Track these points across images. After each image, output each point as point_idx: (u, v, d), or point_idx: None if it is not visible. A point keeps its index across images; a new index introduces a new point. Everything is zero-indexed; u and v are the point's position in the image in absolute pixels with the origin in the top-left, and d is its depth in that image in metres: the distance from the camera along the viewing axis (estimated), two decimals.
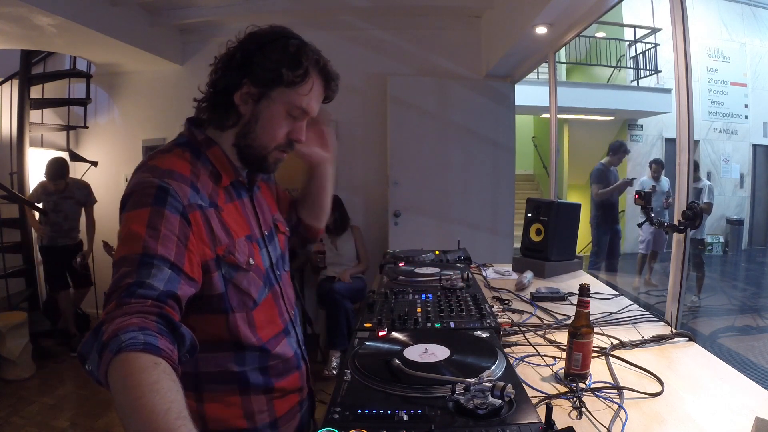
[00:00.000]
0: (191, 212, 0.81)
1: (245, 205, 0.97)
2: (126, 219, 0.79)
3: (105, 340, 0.63)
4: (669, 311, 1.52)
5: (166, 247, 0.75)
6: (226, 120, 0.90)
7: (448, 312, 1.30)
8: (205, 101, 0.92)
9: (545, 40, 2.86)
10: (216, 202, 0.88)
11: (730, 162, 8.34)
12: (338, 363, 3.24)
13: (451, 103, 3.79)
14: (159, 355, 0.63)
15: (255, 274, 0.91)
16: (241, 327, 0.89)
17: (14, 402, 2.88)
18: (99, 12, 3.14)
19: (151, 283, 0.71)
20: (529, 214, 2.20)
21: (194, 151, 0.90)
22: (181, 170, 0.85)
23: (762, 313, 4.98)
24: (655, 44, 7.53)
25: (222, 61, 0.90)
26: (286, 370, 0.98)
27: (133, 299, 0.69)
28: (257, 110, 0.89)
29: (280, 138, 0.92)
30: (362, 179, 4.04)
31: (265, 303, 0.94)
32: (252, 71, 0.87)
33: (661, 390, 1.01)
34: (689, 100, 1.50)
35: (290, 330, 1.01)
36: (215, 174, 0.91)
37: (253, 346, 0.90)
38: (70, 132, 4.30)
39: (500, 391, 0.76)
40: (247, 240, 0.92)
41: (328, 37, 3.89)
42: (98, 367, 0.63)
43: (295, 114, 0.91)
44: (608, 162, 4.71)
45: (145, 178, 0.81)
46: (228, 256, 0.86)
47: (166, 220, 0.77)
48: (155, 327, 0.66)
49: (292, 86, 0.88)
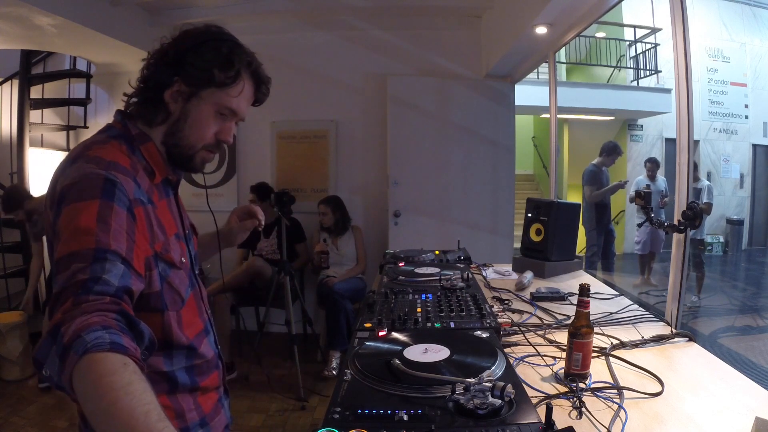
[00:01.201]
0: (135, 207, 0.80)
1: (171, 203, 0.96)
2: (71, 211, 0.74)
3: (66, 342, 0.59)
4: (669, 311, 1.52)
5: (117, 241, 0.72)
6: (155, 117, 0.89)
7: (448, 312, 1.30)
8: (135, 96, 0.91)
9: (545, 40, 2.85)
10: (151, 199, 0.87)
11: (730, 162, 8.34)
12: (338, 363, 3.24)
13: (451, 103, 3.79)
14: (126, 354, 0.60)
15: (184, 272, 0.92)
16: (173, 325, 0.88)
17: (14, 402, 2.87)
18: (99, 12, 3.14)
19: (107, 278, 0.68)
20: (529, 214, 2.20)
21: (129, 145, 0.88)
22: (123, 163, 0.83)
23: (762, 313, 4.98)
24: (655, 44, 7.53)
25: (154, 57, 0.89)
26: (208, 368, 0.97)
27: (91, 296, 0.65)
28: (187, 109, 0.89)
29: (209, 138, 0.92)
30: (362, 179, 4.04)
31: (190, 301, 0.94)
32: (184, 70, 0.86)
33: (661, 390, 1.01)
34: (689, 100, 1.50)
35: (209, 329, 1.01)
36: (149, 170, 0.89)
37: (181, 345, 0.90)
38: (70, 132, 4.31)
39: (500, 391, 0.76)
40: (176, 238, 0.92)
41: (328, 37, 3.90)
42: (60, 371, 0.59)
43: (225, 113, 0.91)
44: (600, 163, 4.69)
45: (90, 169, 0.77)
46: (165, 254, 0.86)
47: (115, 214, 0.74)
48: (117, 325, 0.63)
49: (222, 87, 0.88)
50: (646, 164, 5.31)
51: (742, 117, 8.30)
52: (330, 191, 3.93)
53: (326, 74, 3.96)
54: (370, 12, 3.82)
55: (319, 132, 4.00)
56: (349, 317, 3.30)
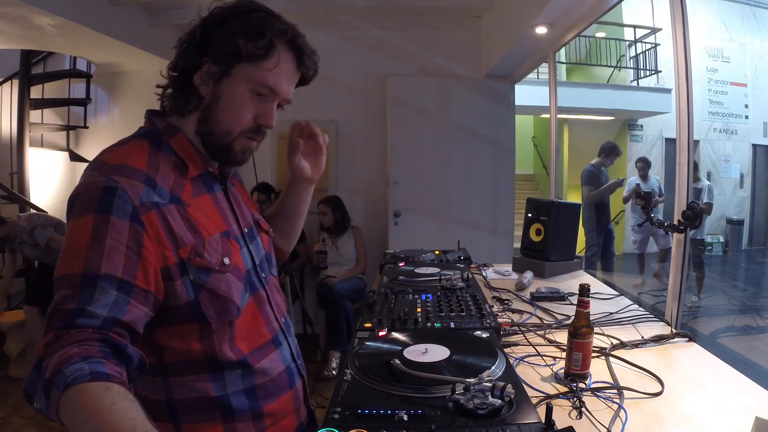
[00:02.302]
0: (144, 213, 0.72)
1: (218, 199, 0.86)
2: (70, 227, 0.70)
3: (48, 377, 0.58)
4: (669, 311, 1.52)
5: (111, 261, 0.67)
6: (186, 104, 0.81)
7: (448, 312, 1.30)
8: (167, 87, 0.83)
9: (545, 40, 2.85)
10: (179, 197, 0.78)
11: (730, 162, 8.34)
12: (338, 363, 3.24)
13: (451, 103, 3.79)
14: (108, 380, 0.58)
15: (233, 275, 0.80)
16: (216, 338, 0.78)
17: (14, 402, 2.87)
18: (99, 12, 3.14)
19: (93, 310, 0.64)
20: (529, 214, 2.20)
21: (154, 141, 0.80)
22: (134, 164, 0.75)
23: (762, 313, 4.98)
24: (655, 44, 7.53)
25: (183, 41, 0.80)
26: (277, 389, 0.86)
27: (71, 330, 0.62)
28: (218, 90, 0.79)
29: (246, 121, 0.81)
30: (362, 179, 4.04)
31: (246, 310, 0.83)
32: (211, 48, 0.78)
33: (661, 390, 1.01)
34: (689, 100, 1.50)
35: (281, 341, 0.89)
36: (180, 165, 0.81)
37: (231, 362, 0.79)
38: (70, 132, 4.31)
39: (500, 391, 0.76)
40: (223, 237, 0.81)
41: (328, 37, 3.89)
42: (47, 406, 0.58)
43: (263, 93, 0.81)
44: (599, 163, 4.69)
45: (91, 177, 0.72)
46: (194, 258, 0.76)
47: (112, 228, 0.68)
48: (99, 352, 0.60)
49: (254, 61, 0.78)
50: (636, 164, 5.27)
51: (742, 117, 8.30)
52: (330, 191, 3.93)
53: (326, 74, 3.90)
54: (370, 12, 3.82)
55: None
56: (349, 317, 3.30)
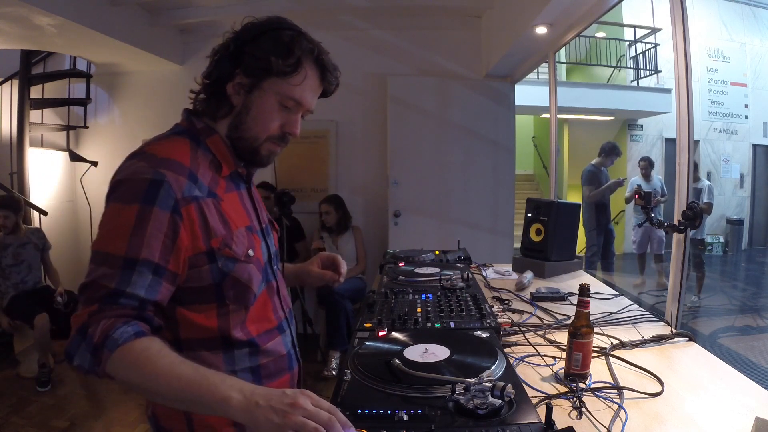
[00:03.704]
0: (184, 206, 0.80)
1: (243, 197, 0.96)
2: (113, 209, 0.79)
3: (97, 342, 0.70)
4: (669, 311, 1.52)
5: (150, 247, 0.76)
6: (219, 110, 0.90)
7: (448, 312, 1.30)
8: (200, 92, 0.92)
9: (545, 40, 2.86)
10: (215, 192, 0.87)
11: (730, 162, 8.34)
12: (338, 363, 3.24)
13: (451, 103, 3.79)
14: (145, 334, 0.73)
15: (255, 266, 0.90)
16: (232, 320, 0.87)
17: (14, 402, 2.87)
18: (99, 12, 3.14)
19: (132, 292, 0.75)
20: (529, 214, 2.20)
21: (194, 140, 0.89)
22: (179, 159, 0.83)
23: (762, 313, 4.98)
24: (655, 44, 7.53)
25: (217, 52, 0.89)
26: (278, 370, 0.95)
27: (115, 307, 0.74)
28: (249, 101, 0.88)
29: (273, 129, 0.91)
30: (362, 179, 4.04)
31: (260, 297, 0.92)
32: (243, 61, 0.86)
33: (661, 390, 1.01)
34: (689, 100, 1.50)
35: (285, 328, 0.99)
36: (215, 163, 0.90)
37: (241, 342, 0.88)
38: (70, 132, 4.30)
39: (500, 391, 0.76)
40: (248, 231, 0.91)
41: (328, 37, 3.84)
42: (94, 365, 0.71)
43: (289, 105, 0.89)
44: (599, 163, 4.69)
45: (139, 168, 0.79)
46: (224, 248, 0.85)
47: (154, 218, 0.77)
48: (134, 321, 0.75)
49: (283, 76, 0.86)
50: (639, 163, 5.30)
51: (742, 117, 8.30)
52: (330, 191, 3.94)
53: None
54: (370, 12, 3.82)
55: (319, 132, 4.00)
56: (349, 317, 3.30)
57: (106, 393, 3.02)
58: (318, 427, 0.62)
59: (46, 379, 3.03)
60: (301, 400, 0.64)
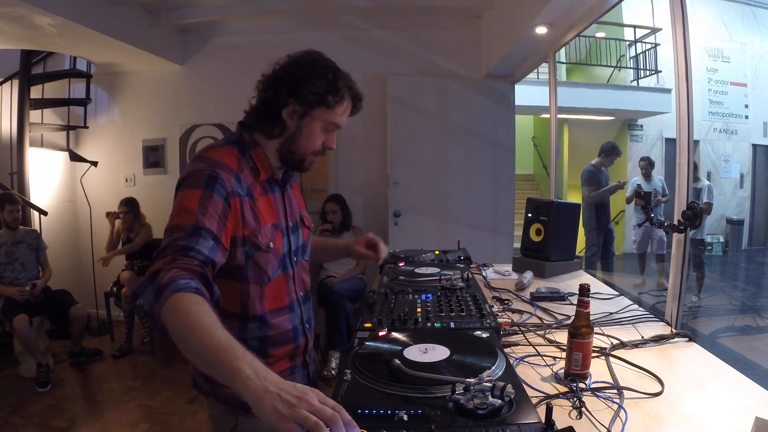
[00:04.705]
0: (232, 198, 1.01)
1: (276, 199, 1.16)
2: (181, 196, 0.98)
3: (164, 283, 0.82)
4: (669, 311, 1.52)
5: (211, 222, 0.95)
6: (273, 130, 1.10)
7: (448, 312, 1.30)
8: (254, 112, 1.12)
9: (545, 40, 2.86)
10: (252, 193, 1.08)
11: (730, 162, 8.33)
12: (338, 363, 3.24)
13: (451, 103, 3.79)
14: (203, 296, 0.84)
15: (273, 256, 1.10)
16: (251, 296, 1.08)
17: (14, 402, 2.88)
18: (99, 12, 3.14)
19: (199, 249, 0.91)
20: (529, 214, 2.20)
21: (241, 149, 1.10)
22: (229, 163, 1.04)
23: (762, 313, 4.98)
24: (655, 44, 7.52)
25: (270, 82, 1.09)
26: (283, 341, 1.14)
27: (185, 258, 0.89)
28: (301, 125, 1.09)
29: (317, 146, 1.13)
30: (362, 179, 4.04)
31: (276, 281, 1.12)
32: (298, 93, 1.06)
33: (661, 390, 1.01)
34: (689, 100, 1.50)
35: (295, 308, 1.17)
36: (255, 170, 1.10)
37: (255, 316, 1.08)
38: (70, 132, 4.30)
39: (500, 391, 0.76)
40: (273, 227, 1.11)
41: (328, 37, 3.89)
42: (153, 302, 0.81)
43: (330, 128, 1.12)
44: (599, 163, 4.69)
45: (199, 167, 1.01)
46: (252, 237, 1.05)
47: (213, 201, 0.97)
48: (198, 282, 0.86)
49: (329, 107, 1.08)
50: (639, 163, 5.30)
51: (742, 117, 8.29)
52: (330, 191, 3.94)
53: None
54: (370, 12, 3.82)
55: None
56: (349, 317, 3.30)
57: (106, 393, 3.02)
58: (318, 422, 0.63)
59: (45, 379, 3.03)
60: (309, 395, 0.66)
